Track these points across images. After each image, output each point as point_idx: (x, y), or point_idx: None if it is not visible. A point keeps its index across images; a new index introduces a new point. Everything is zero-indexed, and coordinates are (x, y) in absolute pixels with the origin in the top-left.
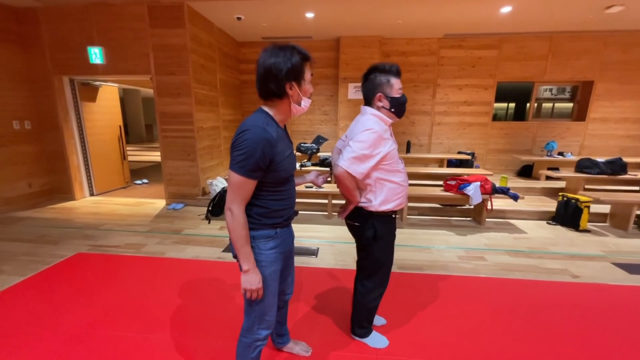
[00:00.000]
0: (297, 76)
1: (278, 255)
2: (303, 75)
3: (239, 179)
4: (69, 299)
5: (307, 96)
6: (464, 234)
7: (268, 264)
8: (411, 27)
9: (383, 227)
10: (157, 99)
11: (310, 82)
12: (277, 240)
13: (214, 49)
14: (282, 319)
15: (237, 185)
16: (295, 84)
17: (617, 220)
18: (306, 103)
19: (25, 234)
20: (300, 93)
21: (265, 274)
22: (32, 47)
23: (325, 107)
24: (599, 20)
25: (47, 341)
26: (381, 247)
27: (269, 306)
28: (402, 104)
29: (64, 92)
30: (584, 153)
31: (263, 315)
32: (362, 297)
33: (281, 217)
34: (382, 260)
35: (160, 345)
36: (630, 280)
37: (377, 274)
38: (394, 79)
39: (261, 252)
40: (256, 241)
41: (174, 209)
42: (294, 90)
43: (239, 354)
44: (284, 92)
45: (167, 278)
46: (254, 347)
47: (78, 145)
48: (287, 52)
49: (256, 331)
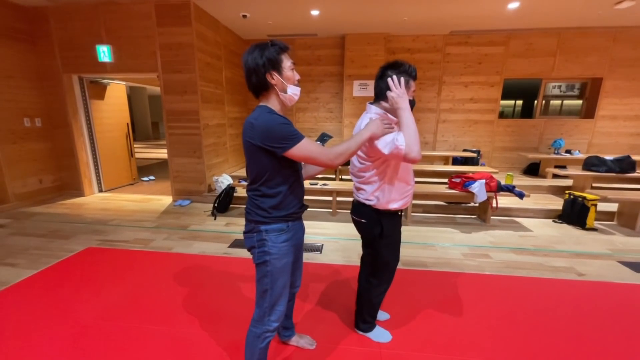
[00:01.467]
0: (274, 65)
1: (290, 247)
2: (281, 63)
3: (303, 142)
4: (80, 291)
5: (292, 83)
6: (469, 232)
7: (280, 256)
8: (417, 24)
9: (389, 225)
10: (163, 97)
11: (293, 69)
12: (289, 234)
13: (220, 47)
14: (289, 312)
15: (307, 146)
16: (275, 72)
17: (624, 218)
18: (293, 90)
19: (37, 229)
20: (283, 80)
21: (277, 266)
22: (41, 45)
23: (330, 104)
24: (608, 16)
25: (58, 332)
26: (387, 245)
27: (280, 297)
28: (412, 108)
29: (73, 90)
30: (592, 151)
31: (274, 305)
32: (367, 293)
33: (292, 208)
34: (387, 257)
35: (168, 337)
36: (636, 279)
37: (382, 271)
38: (412, 81)
39: (274, 244)
40: (269, 234)
41: (181, 205)
42: (277, 79)
43: (249, 343)
44: (267, 82)
45: (175, 272)
46: (264, 338)
47: (87, 142)
48: (262, 46)
49: (267, 322)
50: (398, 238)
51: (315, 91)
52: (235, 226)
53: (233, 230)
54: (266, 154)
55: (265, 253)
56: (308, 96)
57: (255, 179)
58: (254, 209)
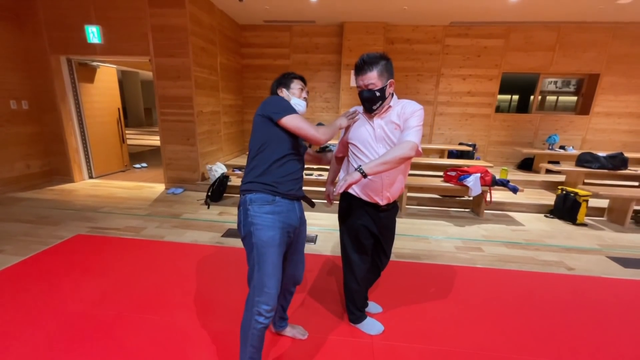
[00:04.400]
0: (285, 85)
1: (276, 222)
2: (290, 84)
3: (295, 115)
4: (69, 279)
5: (296, 97)
6: (462, 225)
7: (264, 227)
8: (417, 14)
9: (345, 207)
10: (156, 82)
11: (302, 90)
12: (274, 207)
13: (215, 32)
14: (286, 304)
15: (298, 118)
16: (284, 89)
17: (614, 214)
18: (296, 101)
19: (25, 215)
20: (289, 94)
21: (262, 237)
22: (28, 25)
23: (326, 94)
24: (609, 11)
25: (46, 320)
26: (345, 234)
27: (267, 275)
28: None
29: (62, 72)
30: (585, 147)
31: (262, 286)
32: (343, 281)
33: (281, 183)
34: (346, 249)
35: (159, 326)
36: (624, 274)
37: (343, 259)
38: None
39: (256, 214)
40: (253, 204)
41: (174, 193)
42: (283, 93)
43: (242, 327)
44: (276, 92)
45: (167, 261)
46: (255, 322)
47: (76, 127)
48: (284, 75)
49: (256, 303)
50: (357, 230)
51: (312, 80)
52: (229, 215)
53: (226, 220)
54: (266, 122)
55: (250, 224)
56: None
57: (253, 152)
58: (244, 182)
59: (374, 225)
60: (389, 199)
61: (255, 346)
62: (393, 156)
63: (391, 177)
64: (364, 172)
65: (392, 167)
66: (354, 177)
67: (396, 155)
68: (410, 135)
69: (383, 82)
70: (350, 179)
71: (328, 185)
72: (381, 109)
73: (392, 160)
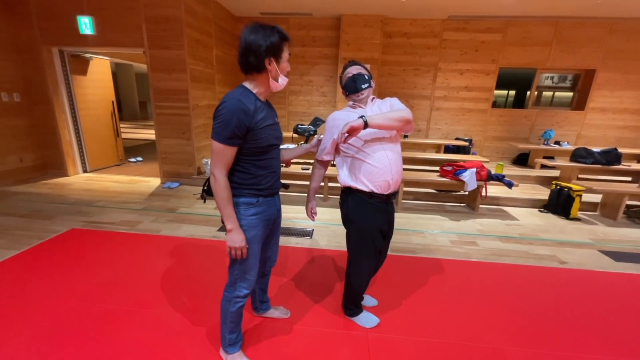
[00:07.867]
0: (275, 53)
1: (259, 222)
2: (281, 53)
3: (218, 146)
4: (64, 273)
5: (284, 74)
6: (458, 220)
7: (249, 228)
8: (415, 7)
9: (355, 208)
10: (151, 74)
11: (288, 61)
12: (258, 208)
13: (210, 23)
14: (264, 286)
15: (218, 152)
16: (274, 60)
17: (607, 209)
18: (283, 80)
19: (19, 209)
20: (278, 70)
21: (247, 237)
22: (18, 14)
23: (324, 87)
24: (607, 6)
25: (40, 314)
26: (355, 232)
27: (250, 266)
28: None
29: (54, 63)
30: (580, 143)
31: (244, 274)
32: (346, 279)
33: (263, 184)
34: (355, 247)
35: (154, 320)
36: (615, 268)
37: (351, 259)
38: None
39: (242, 217)
40: (239, 207)
41: (169, 187)
42: (272, 66)
43: (222, 307)
44: (263, 66)
45: (162, 255)
46: (234, 302)
47: (69, 120)
48: (267, 30)
49: (238, 287)
50: (370, 230)
51: (309, 73)
52: None
53: None
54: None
55: None
56: (301, 79)
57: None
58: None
59: (386, 224)
60: (397, 183)
61: (234, 321)
62: (395, 114)
63: (397, 163)
64: (367, 121)
65: (392, 126)
66: (357, 122)
67: (398, 113)
68: (402, 109)
69: (369, 76)
70: (353, 123)
71: (311, 200)
72: (367, 97)
73: (394, 117)
